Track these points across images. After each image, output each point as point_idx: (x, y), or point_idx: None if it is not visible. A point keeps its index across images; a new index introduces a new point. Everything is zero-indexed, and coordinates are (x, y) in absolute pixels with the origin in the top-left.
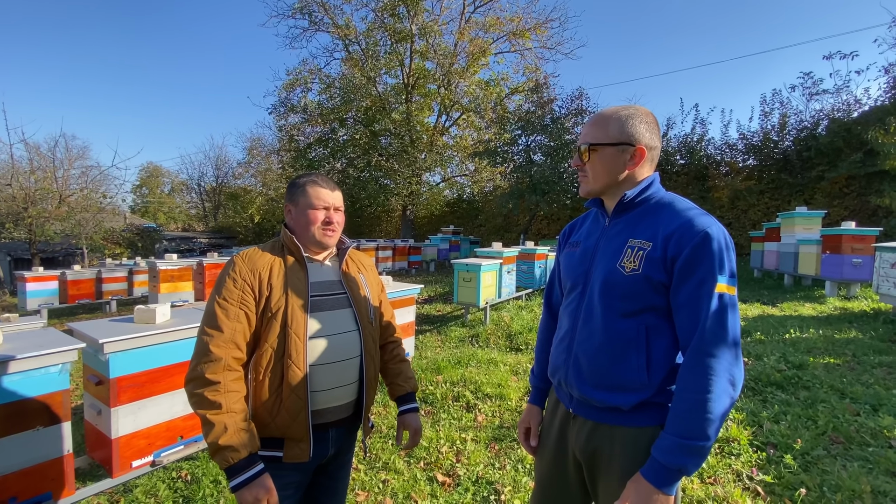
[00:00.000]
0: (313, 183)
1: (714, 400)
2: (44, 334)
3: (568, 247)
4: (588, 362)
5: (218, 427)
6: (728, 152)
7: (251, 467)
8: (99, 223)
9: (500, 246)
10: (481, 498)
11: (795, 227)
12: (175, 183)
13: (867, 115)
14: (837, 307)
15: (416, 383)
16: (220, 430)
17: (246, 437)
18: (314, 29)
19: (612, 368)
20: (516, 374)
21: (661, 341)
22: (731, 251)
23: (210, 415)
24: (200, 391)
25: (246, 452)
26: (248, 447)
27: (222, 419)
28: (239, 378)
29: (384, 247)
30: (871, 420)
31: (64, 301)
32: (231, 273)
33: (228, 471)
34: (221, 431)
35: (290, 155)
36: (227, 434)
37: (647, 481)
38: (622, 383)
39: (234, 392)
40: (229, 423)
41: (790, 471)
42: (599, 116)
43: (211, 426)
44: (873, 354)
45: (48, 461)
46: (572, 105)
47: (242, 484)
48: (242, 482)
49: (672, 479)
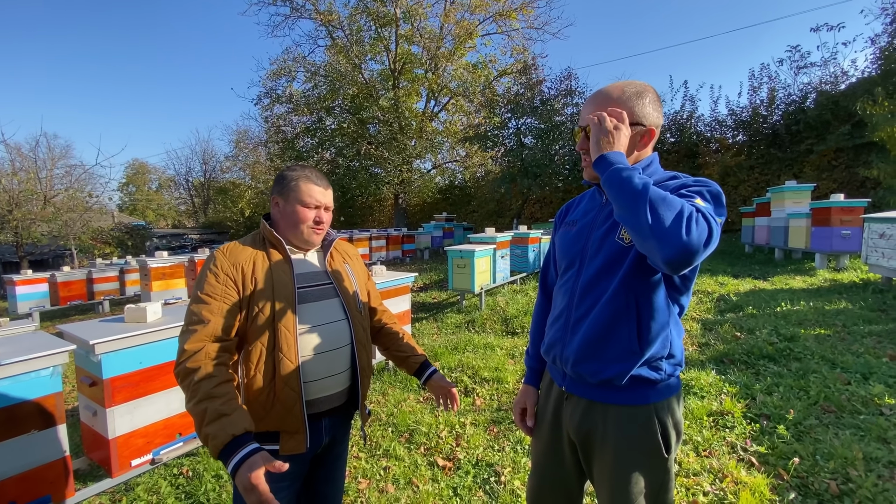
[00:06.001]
0: (306, 179)
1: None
2: (34, 338)
3: (564, 226)
4: (582, 336)
5: (199, 416)
6: (718, 129)
7: (238, 451)
8: (86, 223)
9: (494, 231)
10: (482, 480)
11: (785, 202)
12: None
13: (854, 87)
14: (827, 279)
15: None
16: (200, 419)
17: (226, 422)
18: (296, 16)
19: (603, 339)
20: (513, 357)
21: (651, 311)
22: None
23: (192, 406)
24: (185, 383)
25: (228, 438)
26: (230, 431)
27: (202, 406)
28: (223, 363)
29: (377, 236)
30: (861, 388)
31: (55, 303)
32: (212, 268)
33: (220, 458)
34: (202, 420)
35: (278, 146)
36: (207, 422)
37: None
38: (614, 355)
39: (214, 377)
40: (209, 411)
41: (783, 441)
42: (605, 95)
43: (195, 418)
44: (863, 324)
45: (46, 464)
46: (562, 86)
47: (235, 468)
48: (235, 465)
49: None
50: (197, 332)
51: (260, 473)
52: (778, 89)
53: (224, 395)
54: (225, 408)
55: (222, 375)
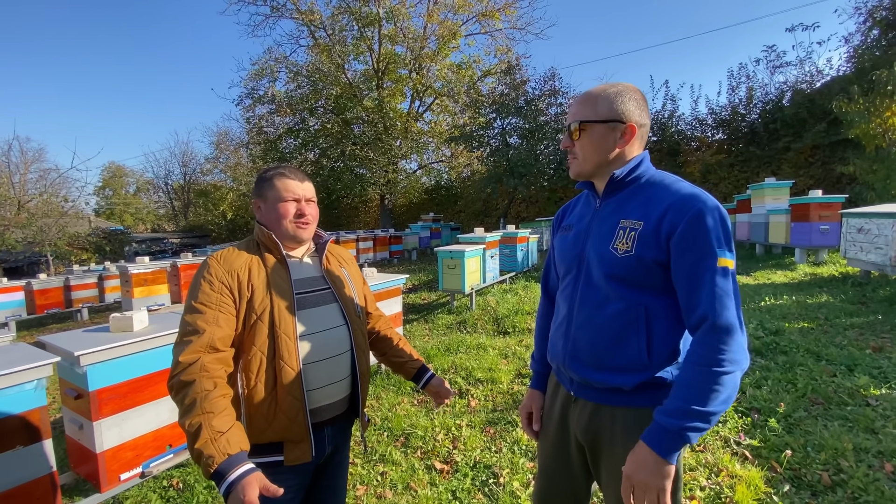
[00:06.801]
0: (280, 175)
1: (727, 372)
2: (14, 349)
3: (561, 231)
4: (587, 345)
5: (192, 431)
6: (699, 127)
7: (234, 470)
8: (62, 228)
9: (483, 231)
10: (480, 482)
11: (765, 198)
12: (140, 182)
13: (829, 86)
14: (808, 273)
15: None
16: (193, 435)
17: (221, 441)
18: (277, 15)
19: (611, 350)
20: (506, 357)
21: (661, 321)
22: (726, 224)
23: (186, 420)
24: (179, 397)
25: (223, 456)
26: (224, 450)
27: (196, 422)
28: (219, 377)
29: (364, 238)
30: (847, 380)
31: (32, 311)
32: (206, 276)
33: (213, 479)
34: (195, 437)
35: (260, 147)
36: (201, 439)
37: (648, 447)
38: (622, 365)
39: (210, 391)
40: (203, 427)
41: (775, 434)
42: (587, 95)
43: (187, 433)
44: (844, 317)
45: (32, 480)
46: (545, 86)
47: (229, 488)
48: (229, 486)
49: (674, 445)
50: (192, 343)
51: (255, 496)
52: (755, 88)
53: (221, 411)
54: (220, 424)
55: (218, 390)
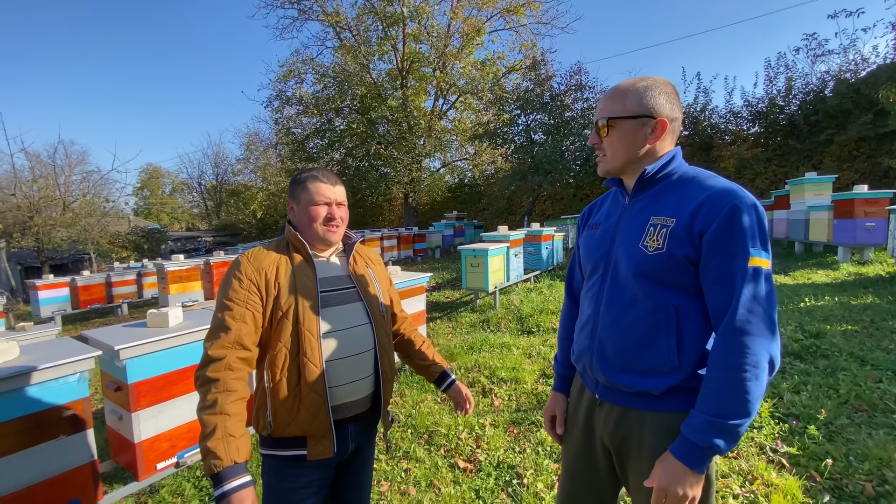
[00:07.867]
0: (314, 178)
1: (750, 379)
2: (59, 344)
3: (587, 229)
4: (613, 347)
5: (207, 428)
6: (733, 120)
7: (234, 479)
8: (104, 227)
9: (506, 229)
10: (504, 482)
11: (805, 194)
12: (175, 183)
13: (876, 74)
14: (851, 273)
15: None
16: (208, 432)
17: (232, 446)
18: (304, 17)
19: (640, 352)
20: (530, 357)
21: (692, 322)
22: (763, 222)
23: (204, 415)
24: (203, 391)
25: (230, 462)
26: (233, 457)
27: (213, 420)
28: (241, 378)
29: (388, 236)
30: (894, 386)
31: (76, 307)
32: (237, 273)
33: (212, 479)
34: (210, 433)
35: (289, 148)
36: (215, 438)
37: (676, 459)
38: (651, 367)
39: (232, 392)
40: (219, 426)
41: (815, 441)
42: (616, 90)
43: (203, 426)
44: (892, 319)
45: (74, 469)
46: (571, 81)
47: (223, 496)
48: (226, 492)
49: (703, 458)
50: (220, 339)
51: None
52: (795, 78)
53: (237, 415)
54: (234, 429)
55: (239, 392)
